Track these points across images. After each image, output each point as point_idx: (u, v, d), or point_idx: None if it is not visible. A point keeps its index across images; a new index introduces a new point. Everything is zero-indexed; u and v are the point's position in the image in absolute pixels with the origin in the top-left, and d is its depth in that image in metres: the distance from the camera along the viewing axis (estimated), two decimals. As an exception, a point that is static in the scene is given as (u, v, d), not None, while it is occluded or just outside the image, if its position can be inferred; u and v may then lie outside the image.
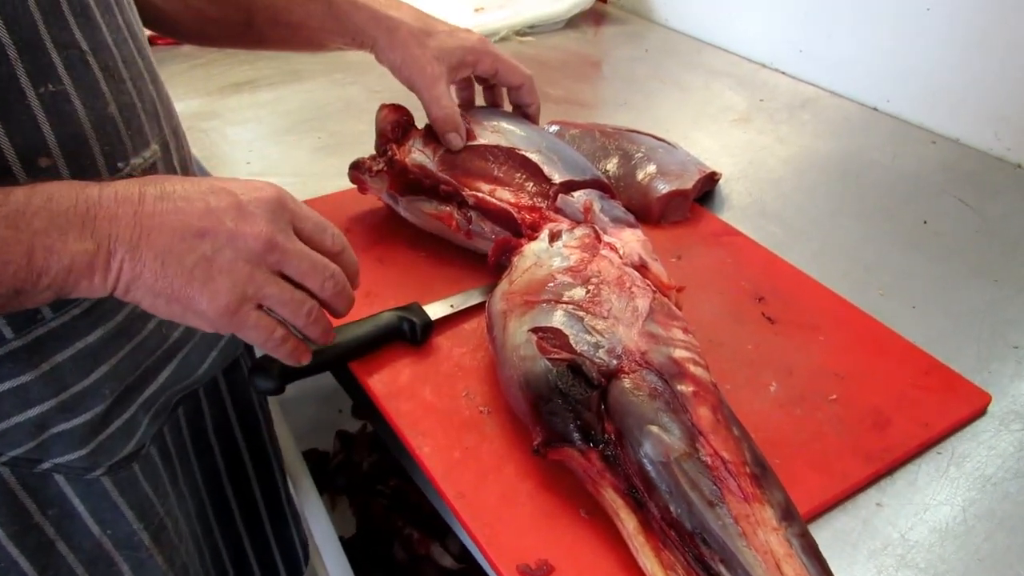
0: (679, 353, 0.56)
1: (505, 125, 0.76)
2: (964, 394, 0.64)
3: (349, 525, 1.27)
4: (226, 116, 1.07)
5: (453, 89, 0.81)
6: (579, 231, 0.66)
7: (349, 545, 1.21)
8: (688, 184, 0.82)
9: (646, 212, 0.82)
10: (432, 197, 0.75)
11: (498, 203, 0.72)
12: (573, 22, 1.42)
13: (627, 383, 0.53)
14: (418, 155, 0.75)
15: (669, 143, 0.89)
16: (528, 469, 0.57)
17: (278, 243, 0.49)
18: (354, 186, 0.79)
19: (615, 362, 0.55)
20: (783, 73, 1.23)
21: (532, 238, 0.68)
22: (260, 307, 0.50)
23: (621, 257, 0.64)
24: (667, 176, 0.83)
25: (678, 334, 0.58)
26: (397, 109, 0.79)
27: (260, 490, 0.82)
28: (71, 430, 0.58)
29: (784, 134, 1.05)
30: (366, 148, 0.80)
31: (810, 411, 0.62)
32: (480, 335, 0.67)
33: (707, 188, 0.89)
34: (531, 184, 0.72)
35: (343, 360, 0.65)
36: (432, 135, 0.76)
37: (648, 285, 0.61)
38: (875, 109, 1.12)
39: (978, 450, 0.60)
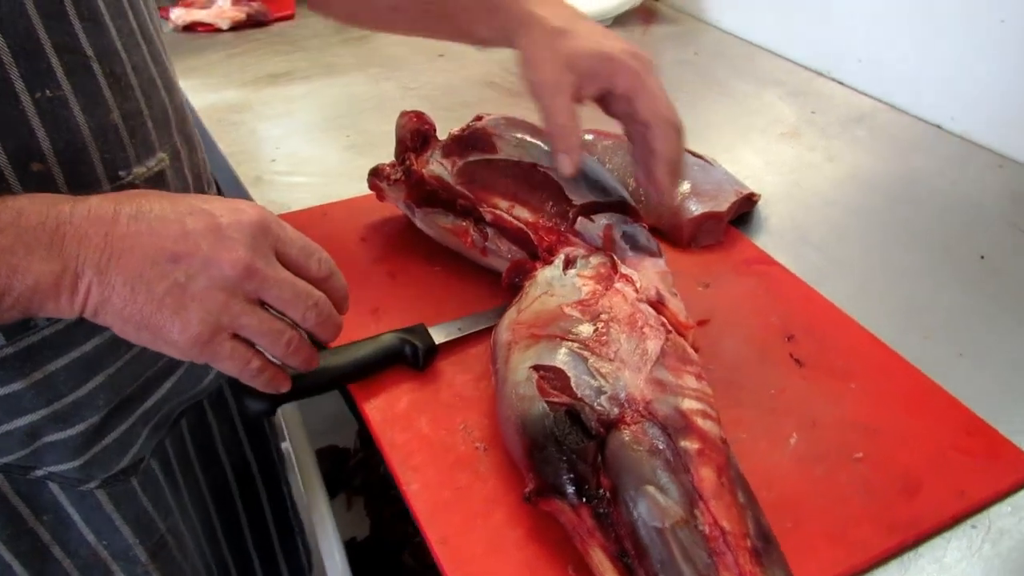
0: (687, 404, 0.52)
1: (529, 139, 0.72)
2: (1008, 460, 0.58)
3: (365, 526, 1.25)
4: (257, 109, 1.05)
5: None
6: (595, 259, 0.62)
7: (361, 547, 1.20)
8: (723, 206, 0.77)
9: (676, 234, 0.78)
10: (449, 211, 0.72)
11: (515, 222, 0.68)
12: (621, 20, 1.36)
13: (627, 436, 0.50)
14: (436, 166, 0.72)
15: (706, 159, 0.84)
16: (519, 516, 0.53)
17: (257, 270, 0.46)
18: (367, 194, 0.76)
19: (616, 411, 0.51)
20: (840, 83, 1.16)
21: (547, 262, 0.65)
22: (236, 336, 0.47)
23: (637, 291, 0.60)
24: (701, 197, 0.78)
25: (690, 381, 0.54)
26: (418, 117, 0.75)
27: (269, 502, 0.80)
28: (64, 440, 0.57)
29: (835, 151, 0.99)
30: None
31: (832, 469, 0.57)
32: (486, 362, 0.64)
33: (744, 210, 0.84)
34: (551, 204, 0.69)
35: (341, 382, 0.62)
36: (454, 147, 0.72)
37: (662, 325, 0.57)
38: (938, 127, 1.05)
39: (1019, 526, 0.55)
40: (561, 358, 0.54)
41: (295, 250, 0.49)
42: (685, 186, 0.79)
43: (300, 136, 0.99)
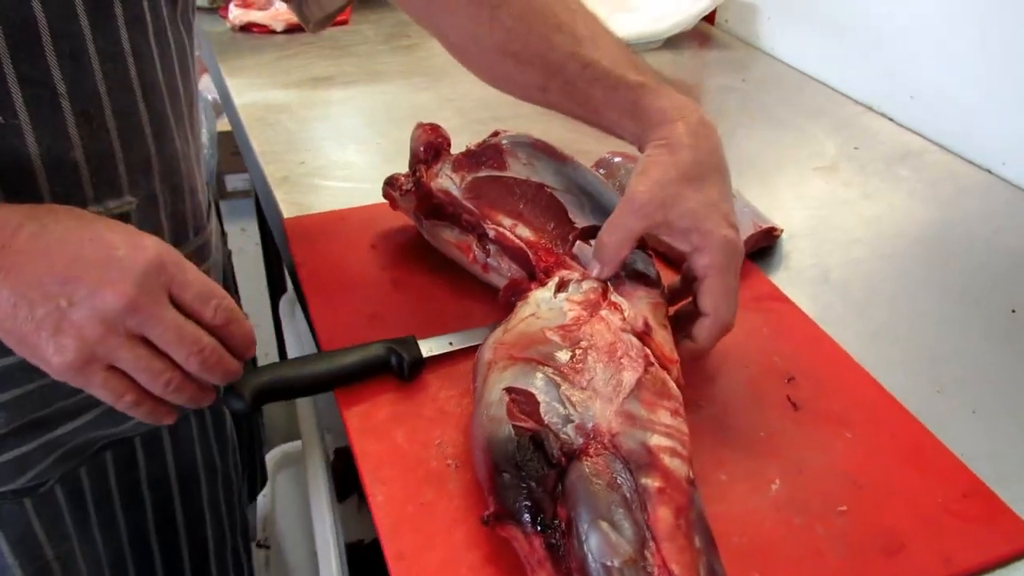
0: (655, 440, 0.50)
1: (539, 157, 0.71)
2: (1005, 529, 0.55)
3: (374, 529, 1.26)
4: (296, 111, 1.07)
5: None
6: (586, 285, 0.61)
7: (366, 550, 1.20)
8: (737, 240, 0.75)
9: (686, 264, 0.76)
10: (455, 224, 0.72)
11: (516, 240, 0.68)
12: (673, 42, 1.35)
13: (587, 467, 0.49)
14: (445, 180, 0.72)
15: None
16: (479, 538, 0.52)
17: (140, 307, 0.47)
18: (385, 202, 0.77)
19: (581, 440, 0.50)
20: (889, 119, 1.13)
21: (543, 283, 0.64)
22: (114, 367, 0.48)
23: (623, 320, 0.58)
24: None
25: (663, 417, 0.52)
26: (432, 129, 0.76)
27: (188, 550, 0.78)
28: None
29: (873, 189, 0.96)
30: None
31: (811, 520, 0.55)
32: (468, 379, 0.64)
33: (765, 244, 0.81)
34: (554, 225, 0.68)
35: (325, 387, 0.62)
36: (464, 162, 0.72)
37: (644, 356, 0.56)
38: (988, 171, 1.00)
39: (1005, 601, 0.52)
40: (534, 383, 0.53)
41: (190, 294, 0.49)
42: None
43: (332, 140, 1.01)
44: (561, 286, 0.62)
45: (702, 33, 1.41)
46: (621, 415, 0.51)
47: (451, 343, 0.66)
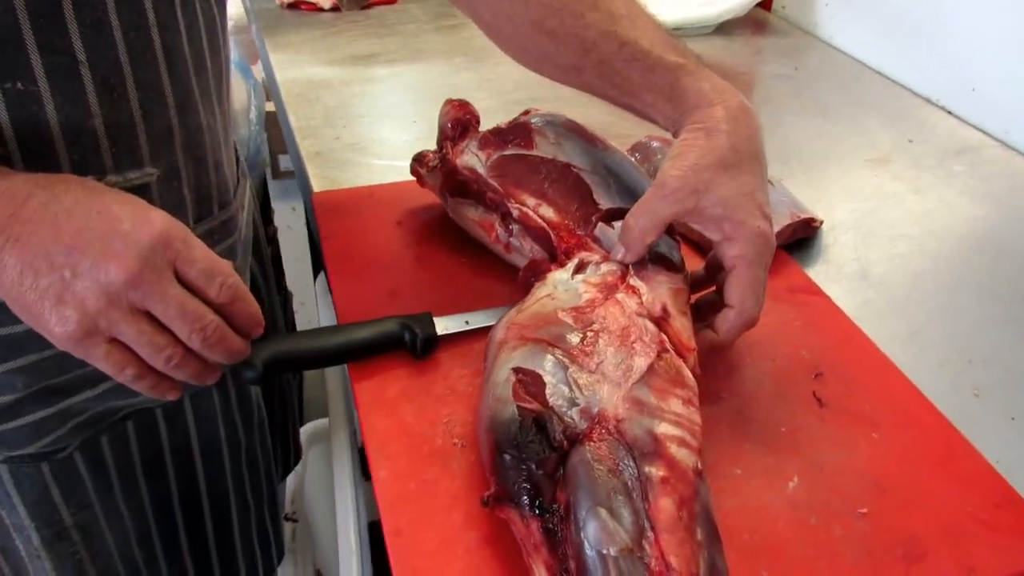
0: (663, 428, 0.49)
1: (567, 137, 0.70)
2: (1037, 541, 0.52)
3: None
4: (336, 87, 1.07)
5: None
6: (605, 267, 0.60)
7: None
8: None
9: (717, 252, 0.73)
10: (479, 203, 0.71)
11: (539, 220, 0.66)
12: (726, 28, 1.31)
13: (590, 452, 0.47)
14: (471, 157, 0.71)
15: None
16: (477, 517, 0.51)
17: (143, 281, 0.46)
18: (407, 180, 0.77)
19: (585, 425, 0.48)
20: (948, 112, 1.07)
21: (562, 264, 0.63)
22: (116, 340, 0.48)
23: (640, 304, 0.57)
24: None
25: (674, 405, 0.51)
26: (462, 106, 0.74)
27: (212, 522, 0.78)
28: None
29: (925, 184, 0.91)
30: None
31: (828, 521, 0.52)
32: (482, 359, 0.62)
33: (802, 235, 0.78)
34: (577, 206, 0.66)
35: (338, 360, 0.62)
36: (491, 140, 0.71)
37: (659, 342, 0.54)
38: (1050, 169, 0.95)
39: (1032, 617, 0.49)
40: (543, 364, 0.52)
41: (194, 270, 0.49)
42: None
43: (369, 117, 1.00)
44: (580, 268, 0.60)
45: (756, 20, 1.36)
46: (629, 401, 0.50)
47: (467, 322, 0.65)
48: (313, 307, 1.63)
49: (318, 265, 1.70)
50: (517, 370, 0.52)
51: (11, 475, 0.61)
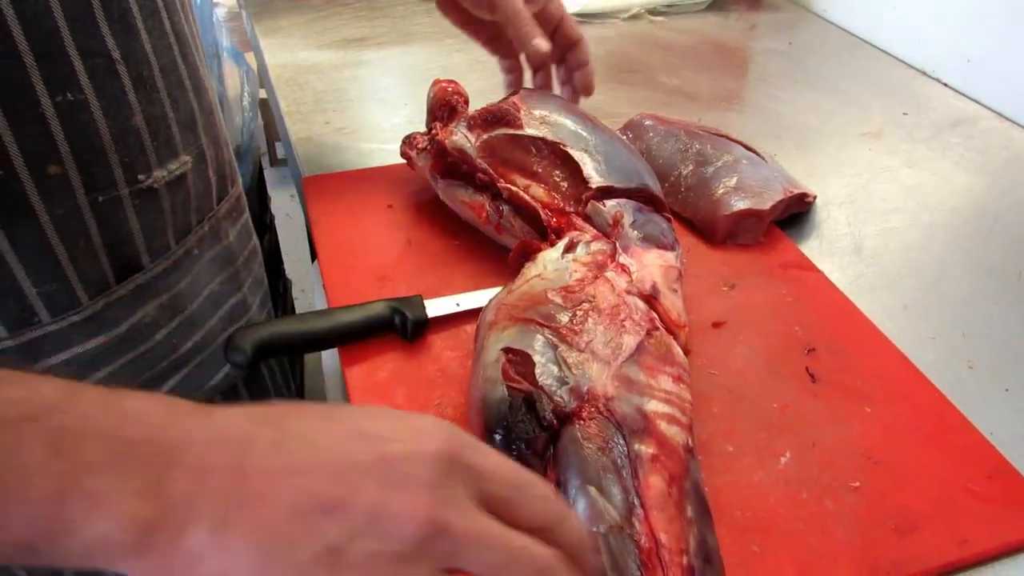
0: (652, 406, 0.48)
1: (557, 116, 0.69)
2: (1028, 512, 0.52)
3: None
4: (325, 71, 1.06)
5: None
6: (595, 246, 0.59)
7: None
8: (765, 205, 0.72)
9: (711, 230, 0.73)
10: (469, 184, 0.70)
11: (529, 200, 0.66)
12: (719, 4, 1.30)
13: (579, 431, 0.47)
14: (460, 138, 0.70)
15: (758, 154, 0.79)
16: (471, 501, 0.51)
17: (448, 525, 0.32)
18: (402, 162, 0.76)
19: (575, 403, 0.48)
20: (944, 84, 1.07)
21: (552, 244, 0.62)
22: None
23: (629, 282, 0.56)
24: (743, 192, 0.73)
25: (664, 382, 0.50)
26: (449, 84, 0.74)
27: None
28: None
29: (918, 157, 0.91)
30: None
31: (820, 496, 0.52)
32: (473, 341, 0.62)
33: (795, 211, 0.78)
34: (568, 185, 0.66)
35: (328, 343, 0.62)
36: (480, 120, 0.70)
37: (649, 320, 0.54)
38: (1047, 139, 0.94)
39: (1024, 588, 0.49)
40: (532, 344, 0.51)
41: (505, 489, 0.34)
42: (731, 179, 0.74)
43: (359, 101, 1.00)
44: (570, 247, 0.60)
45: (750, -5, 1.35)
46: (618, 379, 0.50)
47: (458, 304, 0.65)
48: (311, 293, 1.63)
49: (315, 252, 1.70)
50: (507, 350, 0.52)
51: None
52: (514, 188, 0.67)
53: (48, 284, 0.52)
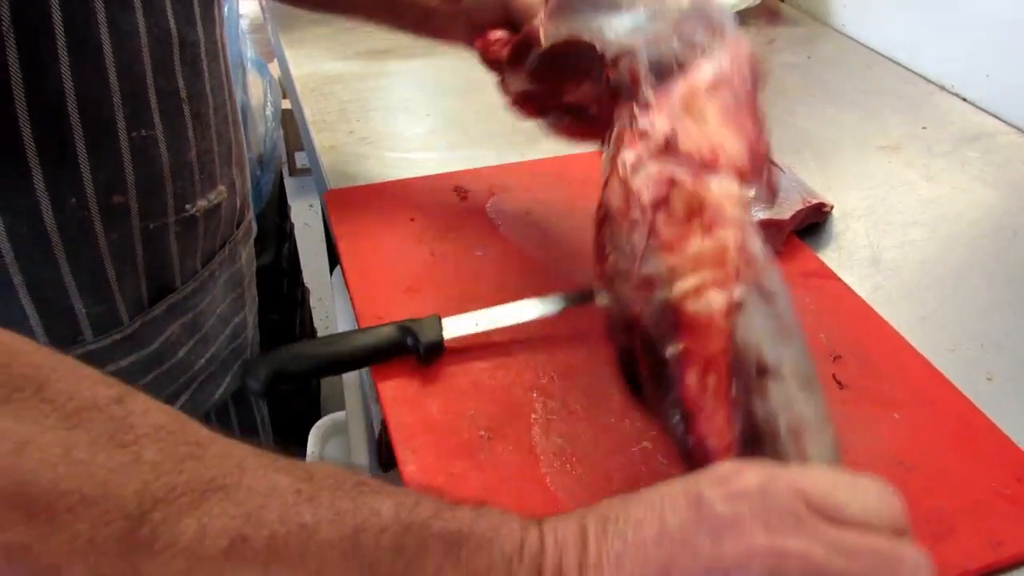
0: (679, 288, 0.42)
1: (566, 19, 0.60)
2: (1058, 516, 0.52)
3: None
4: (350, 82, 1.08)
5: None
6: (616, 131, 0.51)
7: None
8: (785, 214, 0.73)
9: (733, 239, 0.74)
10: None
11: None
12: (740, 18, 1.29)
13: None
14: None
15: (777, 165, 0.80)
16: (506, 507, 0.51)
17: (790, 551, 0.31)
18: (428, 174, 0.77)
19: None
20: (963, 99, 1.07)
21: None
22: None
23: (648, 151, 0.47)
24: (762, 203, 0.74)
25: (694, 244, 0.43)
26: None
27: None
28: None
29: (937, 171, 0.91)
30: (468, 132, 0.85)
31: (852, 502, 0.53)
32: (505, 352, 0.63)
33: (813, 220, 0.79)
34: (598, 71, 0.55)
35: (344, 368, 0.63)
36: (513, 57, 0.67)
37: (662, 184, 0.45)
38: (1066, 154, 0.95)
39: (1055, 591, 0.49)
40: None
41: (853, 507, 0.35)
42: (749, 191, 0.75)
43: (382, 112, 1.01)
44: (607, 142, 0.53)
45: (771, 9, 1.36)
46: (641, 286, 0.44)
47: (476, 324, 0.63)
48: (330, 303, 1.64)
49: (334, 260, 1.71)
50: None
51: None
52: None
53: (98, 305, 0.54)
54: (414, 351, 0.61)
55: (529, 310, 0.64)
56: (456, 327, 0.63)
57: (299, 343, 0.63)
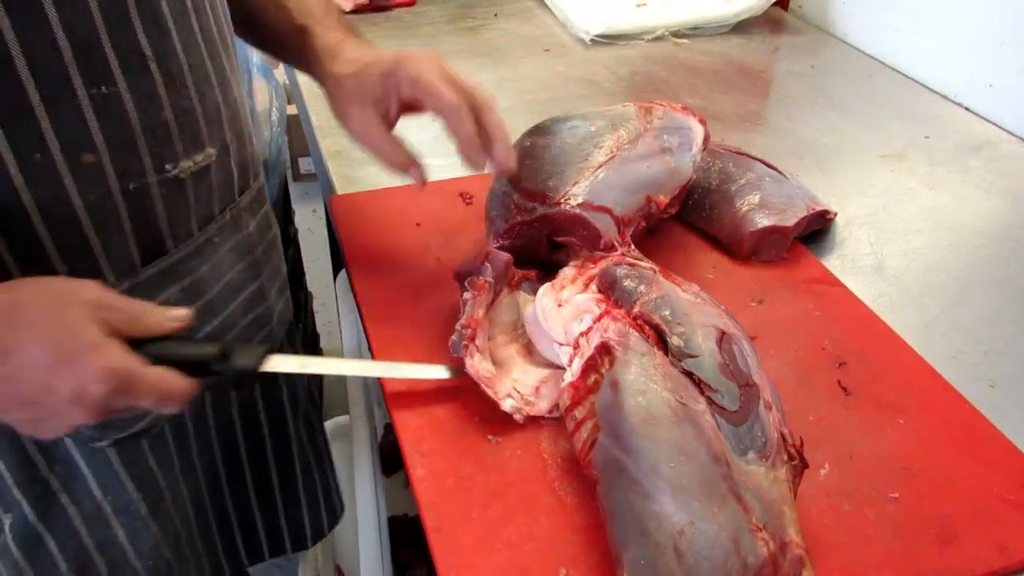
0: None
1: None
2: (1064, 522, 0.53)
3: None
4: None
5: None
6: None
7: (407, 524, 1.22)
8: (789, 221, 0.74)
9: (736, 246, 0.75)
10: None
11: None
12: (742, 27, 1.32)
13: None
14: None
15: (780, 172, 0.80)
16: (514, 511, 0.53)
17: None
18: (434, 180, 0.77)
19: None
20: (964, 108, 1.08)
21: None
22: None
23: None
24: (767, 209, 0.74)
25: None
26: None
27: (276, 471, 0.82)
28: None
29: (939, 179, 0.92)
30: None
31: (860, 506, 0.53)
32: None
33: (816, 227, 0.79)
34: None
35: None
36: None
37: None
38: (1067, 163, 0.96)
39: (1061, 595, 0.50)
40: None
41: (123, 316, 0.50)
42: (754, 197, 0.76)
43: (391, 117, 1.01)
44: None
45: (774, 18, 1.37)
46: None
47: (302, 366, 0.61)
48: (332, 308, 1.64)
49: (338, 265, 1.71)
50: None
51: (119, 456, 0.64)
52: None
53: (79, 265, 0.55)
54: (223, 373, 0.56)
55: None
56: (279, 364, 0.58)
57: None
